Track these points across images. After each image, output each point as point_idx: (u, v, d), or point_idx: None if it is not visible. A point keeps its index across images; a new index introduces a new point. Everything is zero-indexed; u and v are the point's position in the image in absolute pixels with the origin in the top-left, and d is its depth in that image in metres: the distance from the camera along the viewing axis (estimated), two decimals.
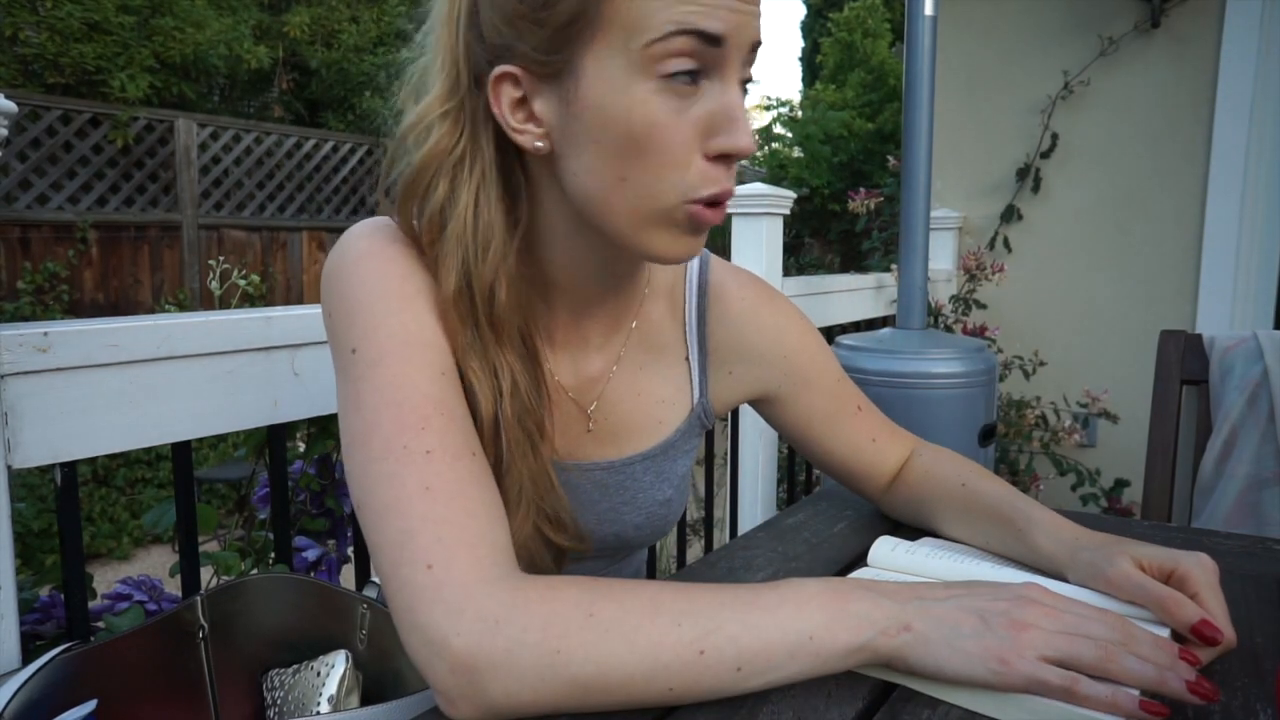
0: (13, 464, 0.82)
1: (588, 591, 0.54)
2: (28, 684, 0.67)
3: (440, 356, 0.63)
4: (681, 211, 0.62)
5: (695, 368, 0.82)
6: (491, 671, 0.51)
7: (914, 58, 1.90)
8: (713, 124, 0.60)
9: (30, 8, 5.21)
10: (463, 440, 0.60)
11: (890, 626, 0.55)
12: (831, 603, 0.55)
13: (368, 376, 0.61)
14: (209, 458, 4.34)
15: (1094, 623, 0.55)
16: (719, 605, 0.54)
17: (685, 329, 0.82)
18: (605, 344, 0.78)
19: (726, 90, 0.60)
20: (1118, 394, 2.70)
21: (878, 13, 9.30)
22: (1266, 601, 0.74)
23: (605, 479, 0.79)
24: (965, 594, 0.57)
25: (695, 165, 0.61)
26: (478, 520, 0.57)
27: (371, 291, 0.64)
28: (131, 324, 0.92)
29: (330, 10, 7.06)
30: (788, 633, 0.54)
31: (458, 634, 0.51)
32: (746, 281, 0.85)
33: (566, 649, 0.51)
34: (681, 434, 0.82)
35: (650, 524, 0.82)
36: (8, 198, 4.86)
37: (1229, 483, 1.44)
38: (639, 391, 0.80)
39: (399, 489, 0.57)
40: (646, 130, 0.59)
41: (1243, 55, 2.61)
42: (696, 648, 0.52)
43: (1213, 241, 2.70)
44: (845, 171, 7.94)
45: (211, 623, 0.82)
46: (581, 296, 0.74)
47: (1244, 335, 1.48)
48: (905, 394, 1.81)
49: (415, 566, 0.54)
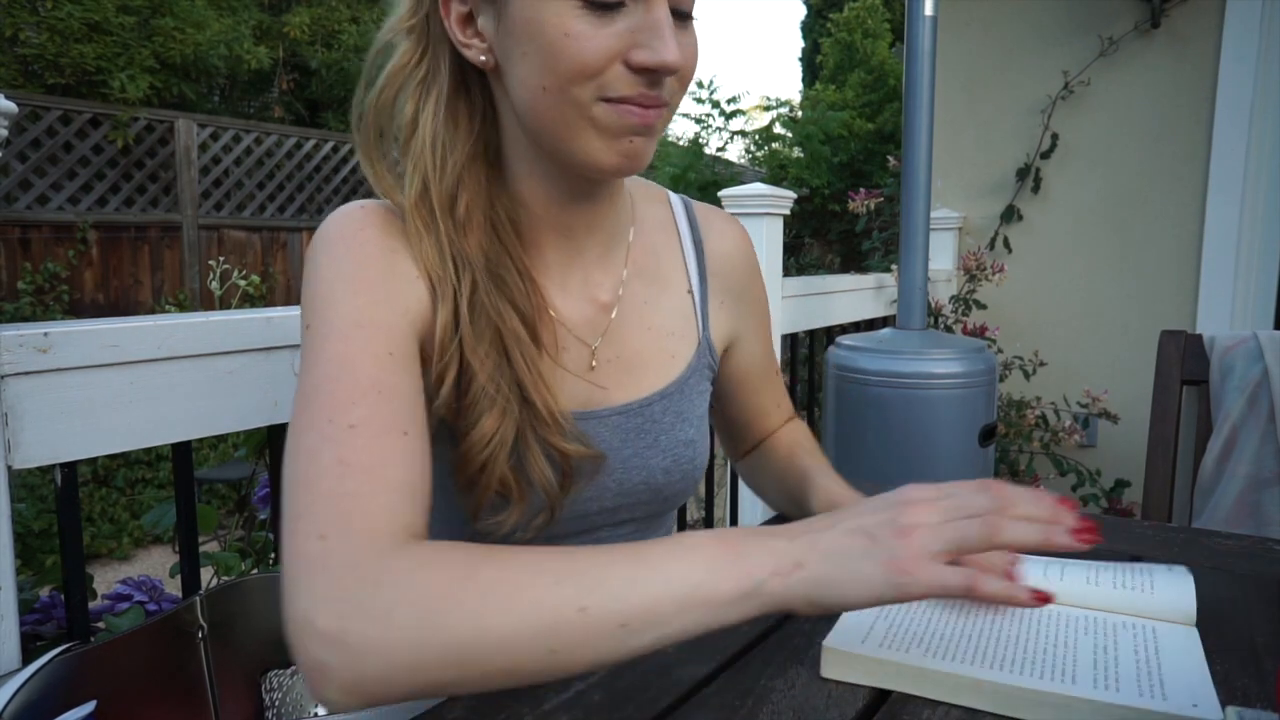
0: (13, 464, 0.82)
1: (471, 555, 0.53)
2: (28, 684, 0.67)
3: (392, 338, 0.64)
4: (599, 110, 0.64)
5: (698, 298, 0.85)
6: (366, 640, 0.49)
7: (914, 58, 1.90)
8: (635, 39, 0.63)
9: (30, 8, 5.21)
10: (394, 418, 0.60)
11: (782, 565, 0.53)
12: (719, 551, 0.53)
13: (312, 354, 0.62)
14: (209, 458, 4.34)
15: (973, 497, 0.55)
16: (603, 564, 0.53)
17: (684, 259, 0.85)
18: (604, 278, 0.79)
19: (652, 8, 0.63)
20: (1118, 394, 2.70)
21: (878, 13, 9.29)
22: (1266, 601, 0.74)
23: (624, 423, 0.78)
24: (849, 515, 0.56)
25: (611, 70, 0.63)
26: (388, 496, 0.56)
27: (333, 274, 0.65)
28: (131, 324, 0.91)
29: (330, 10, 7.06)
30: (672, 583, 0.52)
31: (337, 599, 0.50)
32: (730, 218, 0.92)
33: (443, 609, 0.50)
34: (693, 370, 0.83)
35: (679, 468, 0.81)
36: (8, 198, 4.86)
37: (1229, 483, 1.44)
38: (648, 325, 0.81)
39: (315, 462, 0.57)
40: (562, 40, 0.62)
41: (1243, 55, 2.61)
42: (577, 604, 0.50)
43: (1213, 241, 2.70)
44: (845, 171, 7.94)
45: (211, 623, 0.82)
46: (564, 228, 0.75)
47: (1244, 335, 1.48)
48: (905, 394, 1.81)
49: (309, 537, 0.53)
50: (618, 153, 0.66)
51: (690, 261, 0.85)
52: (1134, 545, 0.90)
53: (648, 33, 0.62)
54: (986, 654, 0.61)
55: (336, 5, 7.11)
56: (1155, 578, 0.71)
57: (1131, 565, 0.75)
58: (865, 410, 1.85)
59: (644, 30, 0.62)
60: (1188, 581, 0.70)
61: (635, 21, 0.63)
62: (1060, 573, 0.72)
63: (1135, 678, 0.57)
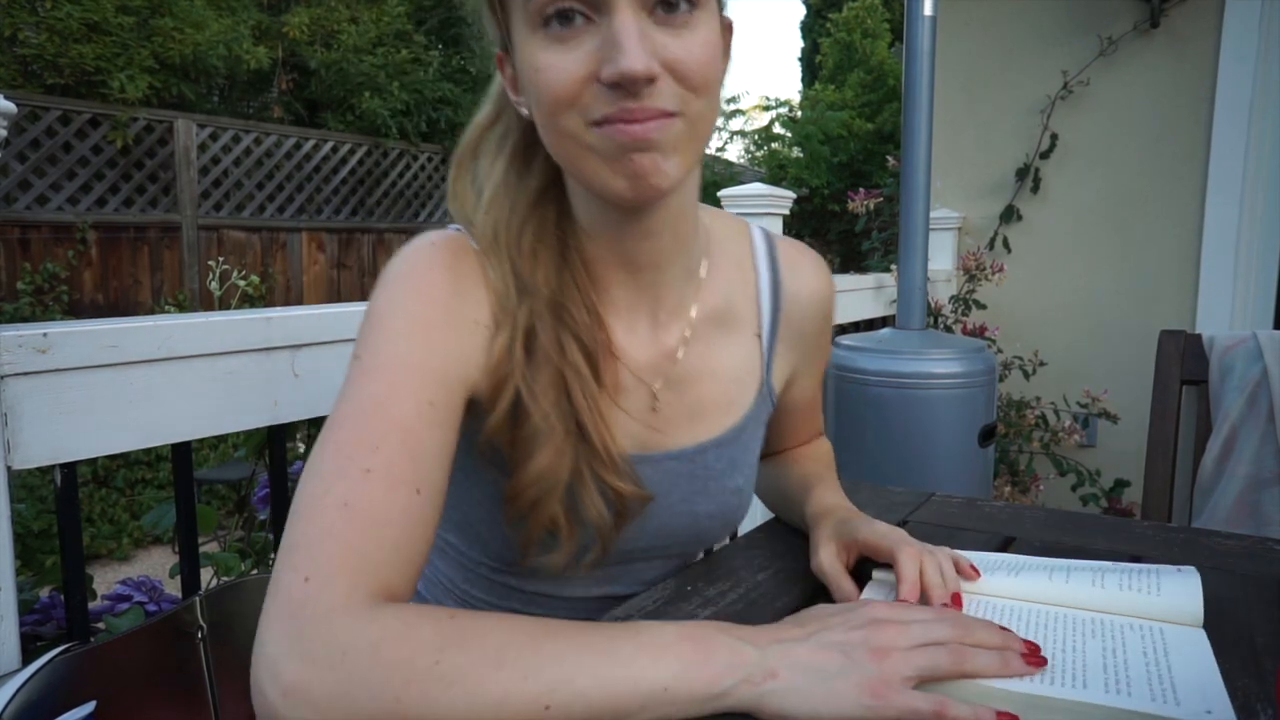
0: (13, 465, 0.82)
1: (441, 633, 0.52)
2: (27, 684, 0.67)
3: (437, 388, 0.63)
4: (592, 136, 0.62)
5: (766, 343, 0.83)
6: (326, 706, 0.49)
7: (913, 58, 1.90)
8: (601, 55, 0.60)
9: (30, 8, 5.21)
10: (412, 473, 0.59)
11: (754, 674, 0.53)
12: (689, 651, 0.54)
13: (354, 385, 0.62)
14: (209, 458, 4.34)
15: (937, 626, 0.58)
16: (568, 656, 0.52)
17: (759, 303, 0.82)
18: (671, 319, 0.77)
19: (613, 20, 0.60)
20: (1118, 394, 2.70)
21: (877, 13, 9.30)
22: (1266, 601, 0.74)
23: (677, 468, 0.78)
24: (820, 628, 0.58)
25: (590, 92, 0.61)
26: (380, 553, 0.55)
27: (392, 311, 0.65)
28: (131, 325, 0.91)
29: (330, 10, 7.06)
30: (640, 684, 0.52)
31: (304, 658, 0.50)
32: (817, 261, 0.88)
33: (407, 698, 0.49)
34: (750, 419, 0.82)
35: (722, 514, 0.81)
36: (7, 198, 4.86)
37: (1229, 483, 1.45)
38: (712, 369, 0.80)
39: (321, 496, 0.56)
40: (535, 75, 0.62)
41: (1242, 55, 2.61)
42: (542, 703, 0.50)
43: (1213, 241, 2.70)
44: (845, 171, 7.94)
45: (211, 623, 0.82)
46: (629, 264, 0.73)
47: (1244, 335, 1.48)
48: (905, 394, 1.81)
49: (295, 574, 0.53)
50: (624, 175, 0.62)
51: (765, 303, 0.82)
52: (1134, 545, 0.90)
53: (609, 45, 0.60)
54: None
55: (336, 5, 7.11)
56: (1162, 578, 0.71)
57: (1138, 566, 0.74)
58: (865, 410, 1.85)
59: (607, 43, 0.60)
60: (1194, 582, 0.70)
61: (601, 37, 0.60)
62: (1066, 576, 0.72)
63: (1146, 681, 0.57)
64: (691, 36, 0.62)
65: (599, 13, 0.60)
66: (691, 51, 0.62)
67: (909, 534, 0.72)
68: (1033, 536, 0.92)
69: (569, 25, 0.61)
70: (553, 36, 0.61)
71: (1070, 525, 0.96)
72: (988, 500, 1.10)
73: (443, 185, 7.60)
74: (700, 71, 0.62)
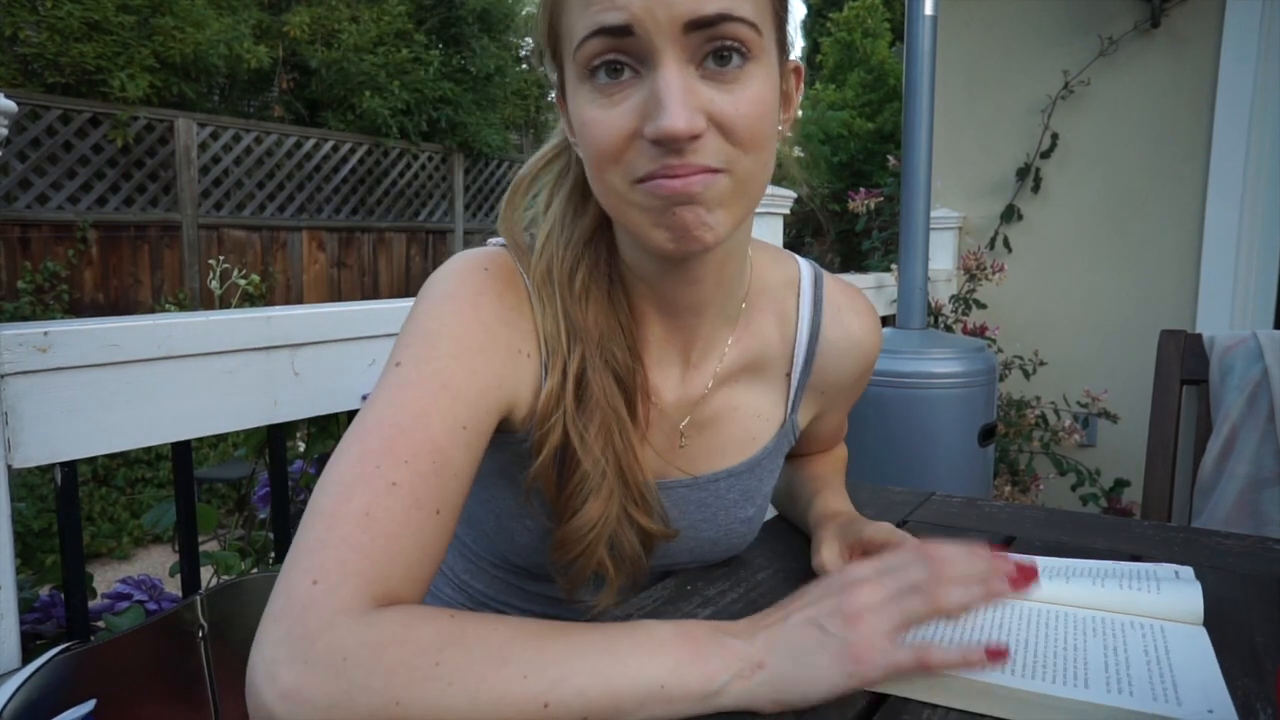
0: (13, 464, 0.82)
1: (442, 633, 0.52)
2: (28, 683, 0.67)
3: (473, 413, 0.63)
4: (636, 193, 0.61)
5: (794, 384, 0.82)
6: (326, 709, 0.49)
7: (914, 58, 1.90)
8: (646, 110, 0.59)
9: (30, 7, 5.21)
10: (436, 493, 0.59)
11: (744, 668, 0.54)
12: (685, 649, 0.54)
13: (392, 393, 0.62)
14: (209, 458, 4.34)
15: (910, 569, 0.57)
16: (569, 654, 0.52)
17: (795, 347, 0.81)
18: (702, 360, 0.77)
19: (657, 76, 0.58)
20: (1118, 394, 2.70)
21: (877, 12, 9.29)
22: (1266, 601, 0.74)
23: (689, 495, 0.78)
24: (798, 606, 0.58)
25: (634, 148, 0.60)
26: (394, 565, 0.55)
27: (440, 327, 0.65)
28: (131, 324, 0.92)
29: (330, 10, 7.06)
30: (637, 681, 0.52)
31: (304, 661, 0.49)
32: (864, 310, 0.85)
33: (407, 701, 0.49)
34: (769, 452, 0.82)
35: (727, 540, 0.82)
36: (8, 197, 4.86)
37: (1229, 482, 1.45)
38: (736, 405, 0.79)
39: (343, 502, 0.56)
40: (583, 129, 0.62)
41: (1243, 55, 2.61)
42: (541, 701, 0.50)
43: (1213, 241, 2.70)
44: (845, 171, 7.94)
45: (211, 622, 0.82)
46: (668, 306, 0.73)
47: (1244, 335, 1.48)
48: (905, 394, 1.81)
49: (304, 577, 0.53)
50: (666, 228, 0.61)
51: (800, 348, 0.81)
52: (1134, 545, 0.90)
53: (653, 102, 0.58)
54: None
55: (336, 4, 7.11)
56: (1161, 580, 0.71)
57: (1137, 566, 0.75)
58: (865, 410, 1.84)
59: (651, 100, 0.59)
60: (1194, 583, 0.70)
61: (646, 93, 0.59)
62: (1066, 575, 0.72)
63: (1148, 680, 0.57)
64: (742, 92, 0.60)
65: (646, 66, 0.59)
66: (740, 108, 0.60)
67: (910, 535, 0.72)
68: (1033, 536, 0.92)
69: (616, 78, 0.60)
70: (599, 89, 0.60)
71: (1070, 525, 0.96)
72: (988, 500, 1.10)
73: (443, 184, 7.60)
74: (748, 129, 0.60)
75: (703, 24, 0.58)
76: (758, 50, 0.60)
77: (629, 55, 0.59)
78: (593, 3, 0.59)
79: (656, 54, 0.58)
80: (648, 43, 0.58)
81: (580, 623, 0.56)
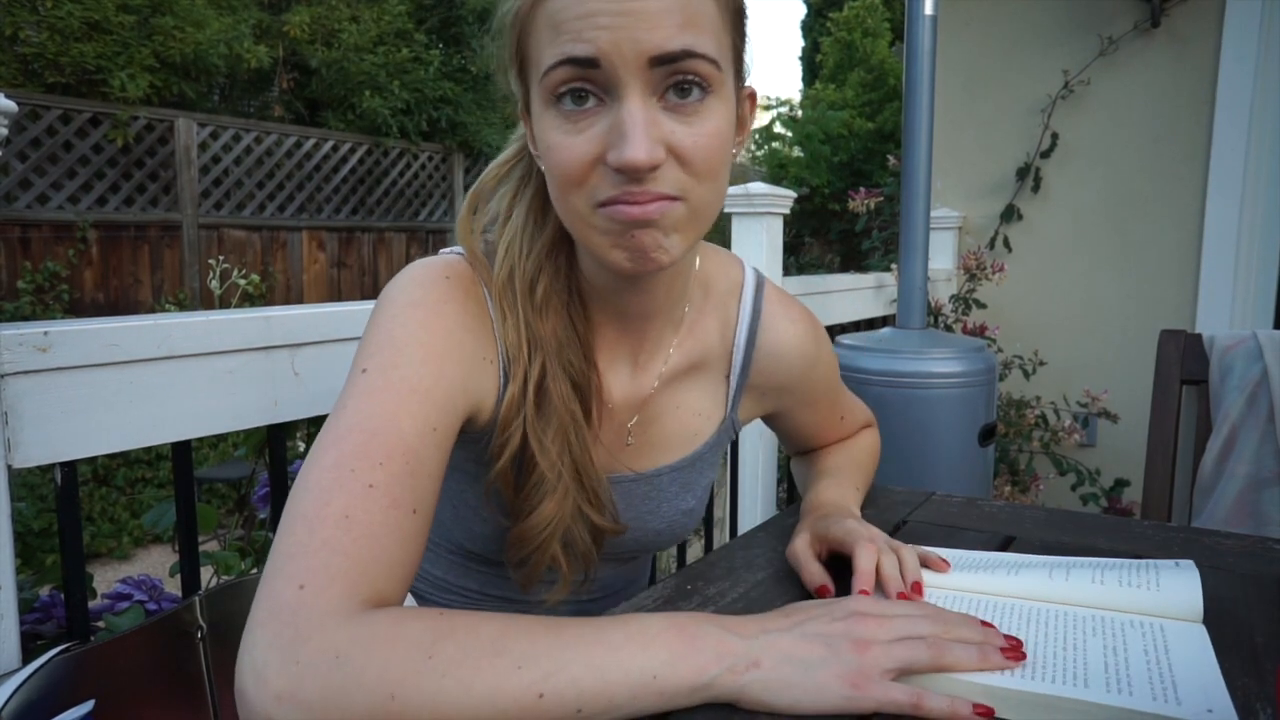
0: (13, 464, 0.82)
1: (434, 628, 0.52)
2: (27, 683, 0.67)
3: (442, 415, 0.65)
4: (597, 217, 0.64)
5: (733, 385, 0.87)
6: (321, 709, 0.49)
7: (914, 58, 1.90)
8: (608, 139, 0.62)
9: (30, 7, 5.21)
10: (411, 493, 0.60)
11: (738, 664, 0.55)
12: (677, 640, 0.55)
13: (362, 398, 0.63)
14: (209, 458, 4.34)
15: (918, 621, 0.60)
16: (562, 645, 0.53)
17: (733, 350, 0.86)
18: (649, 361, 0.81)
19: (621, 106, 0.61)
20: (1118, 394, 2.70)
21: (878, 12, 9.29)
22: (1266, 601, 0.74)
23: (634, 489, 0.82)
24: (805, 619, 0.59)
25: (597, 173, 0.63)
26: (377, 565, 0.56)
27: (406, 334, 0.67)
28: (131, 324, 0.91)
29: (330, 10, 7.05)
30: (630, 672, 0.53)
31: (297, 662, 0.49)
32: (799, 316, 0.90)
33: (402, 694, 0.49)
34: (710, 447, 0.86)
35: (670, 531, 0.86)
36: (8, 197, 4.86)
37: (1229, 482, 1.45)
38: (678, 404, 0.84)
39: (321, 506, 0.56)
40: (548, 151, 0.65)
41: (1243, 55, 2.61)
42: (536, 691, 0.51)
43: (1213, 241, 2.70)
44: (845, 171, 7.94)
45: (211, 623, 0.82)
46: (620, 312, 0.77)
47: (1244, 335, 1.48)
48: (905, 394, 1.81)
49: (290, 582, 0.53)
50: (625, 249, 0.64)
51: (738, 351, 0.86)
52: (1134, 545, 0.90)
53: (616, 131, 0.61)
54: None
55: (336, 4, 7.11)
56: (1161, 575, 0.71)
57: (1136, 562, 0.74)
58: None
59: (614, 129, 0.61)
60: (1193, 577, 0.70)
61: (610, 121, 0.62)
62: (1066, 573, 0.72)
63: (1148, 679, 0.57)
64: (700, 125, 0.63)
65: (610, 96, 0.62)
66: (698, 141, 0.63)
67: (906, 534, 0.73)
68: (1033, 536, 0.92)
69: (581, 105, 0.62)
70: (565, 115, 0.63)
71: (1070, 525, 0.96)
72: (988, 500, 1.10)
73: (443, 184, 7.60)
74: (705, 161, 0.63)
75: (666, 59, 0.61)
76: (717, 84, 0.64)
77: (594, 85, 0.62)
78: (562, 32, 0.61)
79: (621, 86, 0.61)
80: (613, 75, 0.61)
81: (570, 617, 0.57)
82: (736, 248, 2.14)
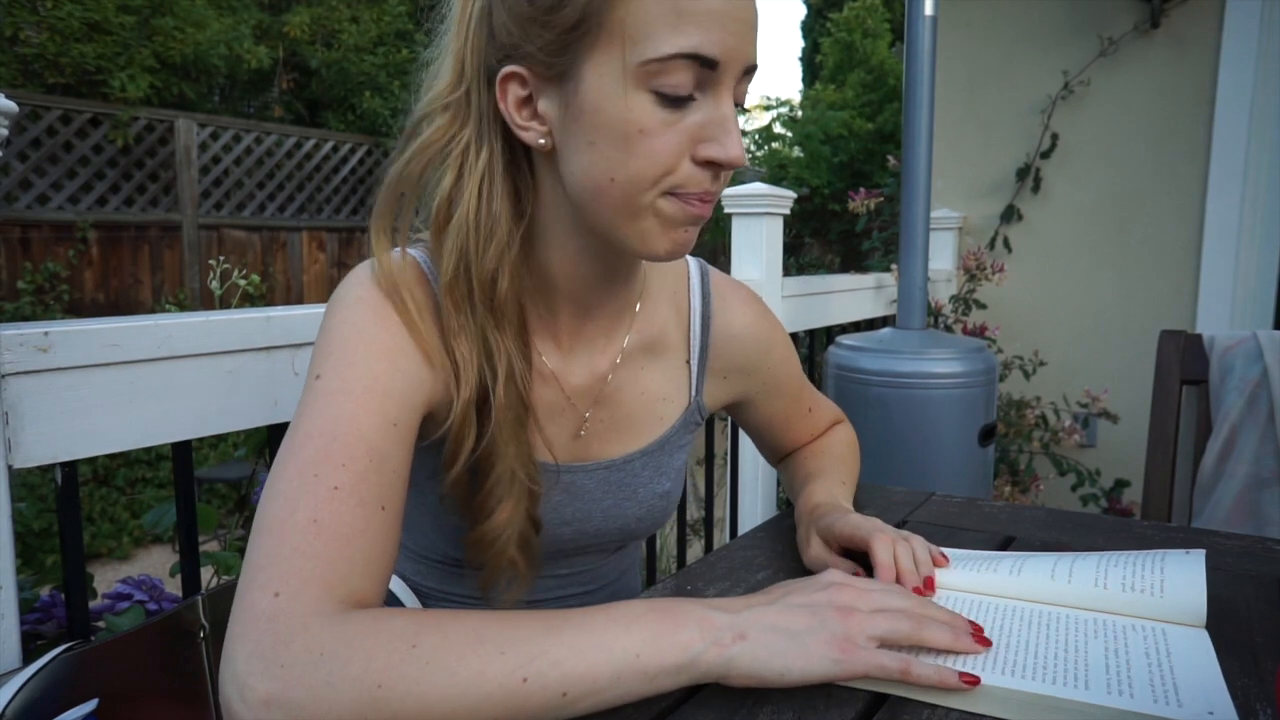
0: (13, 464, 0.82)
1: (415, 622, 0.53)
2: (29, 684, 0.67)
3: (400, 410, 0.64)
4: (663, 202, 0.65)
5: (694, 370, 0.87)
6: (311, 707, 0.49)
7: (914, 58, 1.90)
8: (703, 133, 0.63)
9: (30, 8, 5.21)
10: (378, 491, 0.60)
11: (724, 636, 0.55)
12: (659, 620, 0.55)
13: (319, 404, 0.62)
14: (209, 458, 4.34)
15: (894, 596, 0.62)
16: (544, 631, 0.53)
17: (689, 334, 0.86)
18: (607, 345, 0.80)
19: (720, 104, 0.64)
20: (1118, 394, 2.70)
21: (878, 13, 9.29)
22: (1266, 601, 0.74)
23: (608, 477, 0.82)
24: (786, 592, 0.61)
25: (682, 167, 0.64)
26: (350, 567, 0.56)
27: (355, 335, 0.66)
28: (131, 324, 0.91)
29: (330, 10, 7.05)
30: (613, 653, 0.53)
31: (281, 665, 0.49)
32: (748, 298, 0.91)
33: (388, 683, 0.49)
34: (677, 430, 0.86)
35: (650, 515, 0.86)
36: (8, 198, 4.86)
37: (1229, 483, 1.45)
38: (641, 390, 0.83)
39: (289, 513, 0.56)
40: (635, 135, 0.62)
41: (1243, 55, 2.61)
42: (519, 675, 0.51)
43: (1213, 241, 2.70)
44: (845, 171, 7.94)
45: (212, 623, 0.82)
46: (581, 299, 0.76)
47: (1244, 335, 1.48)
48: (905, 394, 1.81)
49: (264, 591, 0.53)
50: (672, 241, 0.67)
51: (695, 335, 0.86)
52: (1134, 545, 0.90)
53: (716, 127, 0.63)
54: (997, 659, 0.60)
55: (336, 5, 7.10)
56: (1166, 575, 0.70)
57: (1143, 555, 0.74)
58: (865, 410, 1.85)
59: (712, 124, 0.63)
60: (1199, 579, 0.69)
61: (704, 115, 0.63)
62: (1069, 574, 0.72)
63: (1149, 683, 0.57)
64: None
65: (704, 93, 0.63)
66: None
67: (888, 525, 0.74)
68: (1033, 536, 0.92)
69: (688, 96, 0.63)
70: (671, 103, 0.62)
71: (1070, 525, 0.96)
72: (988, 500, 1.10)
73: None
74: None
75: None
76: None
77: (702, 82, 0.63)
78: (688, 23, 0.60)
79: (723, 87, 0.63)
80: (721, 77, 0.63)
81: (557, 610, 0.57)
82: (736, 248, 2.14)
